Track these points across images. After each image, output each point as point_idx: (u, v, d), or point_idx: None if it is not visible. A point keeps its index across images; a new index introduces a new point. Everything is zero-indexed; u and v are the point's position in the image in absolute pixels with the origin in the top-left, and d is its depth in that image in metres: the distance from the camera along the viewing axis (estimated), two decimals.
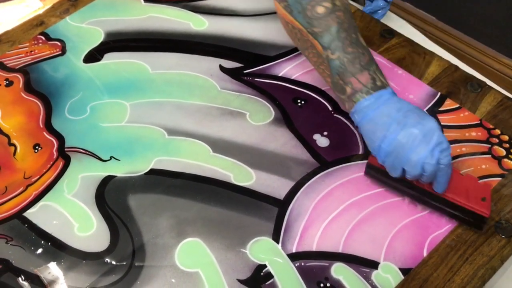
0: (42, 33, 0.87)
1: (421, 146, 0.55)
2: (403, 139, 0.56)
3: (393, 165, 0.58)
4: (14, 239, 0.64)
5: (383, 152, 0.58)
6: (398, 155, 0.57)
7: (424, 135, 0.55)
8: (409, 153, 0.56)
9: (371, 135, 0.59)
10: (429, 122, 0.56)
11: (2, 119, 0.76)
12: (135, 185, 0.67)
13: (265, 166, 0.68)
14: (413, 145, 0.55)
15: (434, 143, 0.55)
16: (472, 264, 0.59)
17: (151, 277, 0.60)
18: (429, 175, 0.56)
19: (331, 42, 0.59)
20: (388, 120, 0.57)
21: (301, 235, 0.62)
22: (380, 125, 0.57)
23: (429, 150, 0.55)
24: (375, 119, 0.58)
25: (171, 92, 0.77)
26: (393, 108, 0.58)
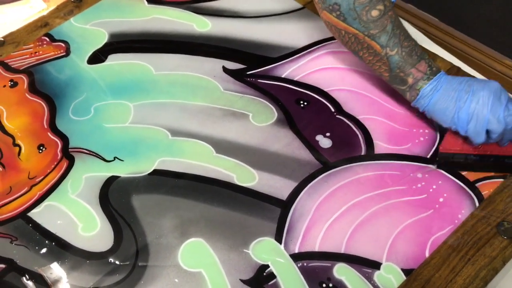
0: (47, 34, 0.88)
1: (496, 104, 0.60)
2: (477, 103, 0.61)
3: (475, 130, 0.61)
4: (19, 238, 0.64)
5: (463, 121, 0.62)
6: (478, 119, 0.61)
7: (494, 94, 0.60)
8: (488, 113, 0.60)
9: (443, 113, 0.63)
10: (492, 83, 0.61)
11: (7, 120, 0.76)
12: (138, 185, 0.68)
13: (268, 167, 0.68)
14: (489, 105, 0.60)
15: (504, 98, 0.61)
16: (474, 265, 0.59)
17: (154, 277, 0.60)
18: (511, 128, 0.61)
19: (389, 40, 0.63)
20: (456, 93, 0.62)
21: (304, 236, 0.62)
22: (450, 100, 0.62)
23: (504, 105, 0.60)
24: (442, 98, 0.63)
25: (175, 93, 0.77)
26: (455, 84, 0.63)
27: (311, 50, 0.81)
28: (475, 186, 0.65)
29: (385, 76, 0.67)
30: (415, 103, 0.66)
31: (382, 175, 0.67)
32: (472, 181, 0.65)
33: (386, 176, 0.66)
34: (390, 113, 0.72)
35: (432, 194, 0.65)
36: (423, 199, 0.64)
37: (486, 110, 0.60)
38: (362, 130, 0.71)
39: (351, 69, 0.78)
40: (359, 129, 0.71)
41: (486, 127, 0.61)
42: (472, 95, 0.61)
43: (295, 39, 0.83)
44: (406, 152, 0.68)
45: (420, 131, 0.70)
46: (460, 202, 0.64)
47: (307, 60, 0.80)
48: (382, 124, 0.71)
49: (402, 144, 0.69)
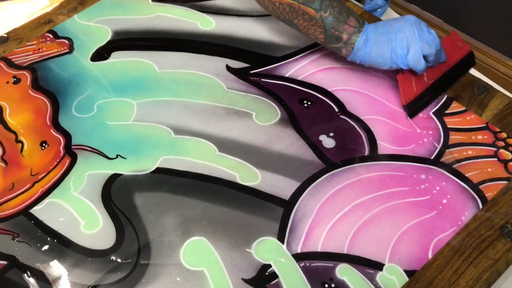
0: (50, 31, 0.88)
1: (421, 32, 0.67)
2: (407, 37, 0.67)
3: (414, 58, 0.67)
4: (21, 235, 0.64)
5: (402, 56, 0.68)
6: (413, 48, 0.67)
7: (416, 25, 0.67)
8: (418, 41, 0.67)
9: (381, 57, 0.69)
10: (408, 17, 0.68)
11: (10, 116, 0.76)
12: (141, 183, 0.67)
13: (270, 166, 0.68)
14: (416, 35, 0.67)
15: (424, 25, 0.68)
16: (477, 267, 0.59)
17: (156, 275, 0.60)
18: (440, 48, 0.68)
19: (321, 3, 0.68)
20: (385, 36, 0.68)
21: (306, 236, 0.62)
22: (383, 44, 0.68)
23: (426, 31, 0.67)
24: (375, 44, 0.68)
25: (178, 91, 0.77)
26: (380, 29, 0.68)
27: (315, 50, 0.81)
28: (479, 188, 0.65)
29: (321, 38, 0.71)
30: (352, 57, 0.70)
31: (385, 175, 0.66)
32: (476, 183, 0.65)
33: (389, 177, 0.66)
34: (394, 114, 0.72)
35: (435, 195, 0.64)
36: (427, 200, 0.64)
37: (416, 39, 0.67)
38: (365, 131, 0.71)
39: (355, 69, 0.78)
40: (362, 129, 0.71)
41: (422, 53, 0.67)
42: (399, 32, 0.67)
43: (299, 39, 0.83)
44: (409, 153, 0.68)
45: (423, 132, 0.70)
46: (464, 203, 0.64)
47: (311, 59, 0.80)
48: (386, 124, 0.71)
49: (405, 145, 0.69)
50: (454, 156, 0.68)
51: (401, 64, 0.68)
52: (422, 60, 0.67)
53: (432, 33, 0.68)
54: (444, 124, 0.71)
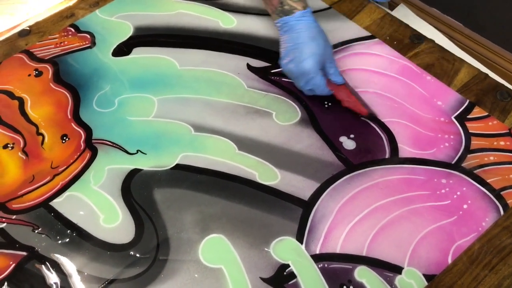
0: (72, 25, 0.88)
1: (298, 81, 0.73)
2: (287, 71, 0.73)
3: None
4: (41, 227, 0.64)
5: (281, 67, 0.74)
6: (288, 75, 0.75)
7: (301, 76, 0.71)
8: (294, 80, 0.74)
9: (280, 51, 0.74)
10: (305, 65, 0.70)
11: (31, 109, 0.77)
12: (161, 179, 0.68)
13: (290, 166, 0.68)
14: (293, 78, 0.73)
15: (305, 83, 0.72)
16: (498, 274, 0.58)
17: (174, 271, 0.60)
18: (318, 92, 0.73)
19: None
20: (283, 50, 0.73)
21: (325, 237, 0.62)
22: (282, 49, 0.73)
23: (303, 84, 0.72)
24: (281, 41, 0.74)
25: (199, 88, 0.77)
26: (289, 39, 0.72)
27: (337, 51, 0.81)
28: (500, 194, 0.64)
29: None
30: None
31: (406, 179, 0.66)
32: (497, 189, 0.65)
33: (409, 180, 0.66)
34: (415, 117, 0.72)
35: (456, 200, 0.64)
36: (447, 205, 0.64)
37: (293, 79, 0.74)
38: (386, 133, 0.70)
39: (377, 71, 0.77)
40: (383, 132, 0.71)
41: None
42: (286, 64, 0.72)
43: None
44: (430, 157, 0.68)
45: (445, 136, 0.70)
46: (485, 209, 0.63)
47: None
48: (407, 128, 0.71)
49: (426, 149, 0.69)
50: (476, 161, 0.67)
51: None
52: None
53: (307, 87, 0.72)
54: (466, 129, 0.70)
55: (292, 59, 0.71)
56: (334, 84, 0.72)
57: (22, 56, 0.84)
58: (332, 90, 0.72)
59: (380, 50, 0.80)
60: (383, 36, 0.82)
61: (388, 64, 0.78)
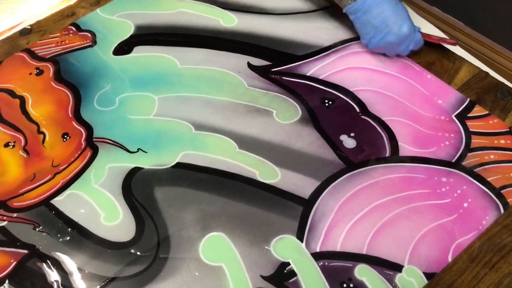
0: (73, 24, 0.89)
1: (399, 47, 0.76)
2: (385, 44, 0.75)
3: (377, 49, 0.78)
4: (41, 225, 0.65)
5: (371, 47, 0.77)
6: (384, 49, 0.77)
7: (401, 42, 0.75)
8: (393, 50, 0.77)
9: (361, 33, 0.77)
10: (405, 30, 0.73)
11: (32, 107, 0.77)
12: (161, 177, 0.68)
13: (290, 164, 0.68)
14: (393, 47, 0.76)
15: (407, 45, 0.76)
16: (498, 272, 0.58)
17: (175, 269, 0.60)
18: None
19: None
20: (372, 28, 0.74)
21: (326, 235, 0.62)
22: (367, 29, 0.75)
23: (405, 48, 0.76)
24: (362, 22, 0.75)
25: (199, 87, 0.77)
26: (374, 15, 0.73)
27: (337, 49, 0.81)
28: (501, 193, 0.64)
29: None
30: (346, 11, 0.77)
31: (406, 177, 0.66)
32: (498, 187, 0.65)
33: (410, 178, 0.66)
34: (415, 116, 0.72)
35: (456, 198, 0.64)
36: (447, 204, 0.64)
37: (390, 49, 0.77)
38: (387, 132, 0.70)
39: (377, 70, 0.77)
40: (384, 130, 0.71)
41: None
42: (382, 39, 0.75)
43: (321, 38, 0.83)
44: (431, 155, 0.68)
45: (445, 135, 0.70)
46: (485, 208, 0.63)
47: (333, 59, 0.79)
48: (408, 126, 0.71)
49: (427, 147, 0.69)
50: (476, 160, 0.67)
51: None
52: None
53: (409, 49, 0.76)
54: (466, 128, 0.70)
55: (388, 30, 0.73)
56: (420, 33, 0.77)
57: (23, 55, 0.84)
58: (424, 39, 0.77)
59: None
60: None
61: (388, 62, 0.78)
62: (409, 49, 0.76)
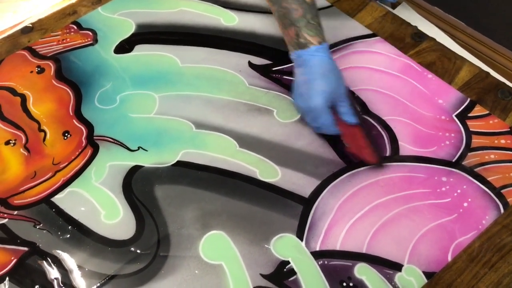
0: (74, 22, 0.89)
1: (305, 116, 0.70)
2: (296, 106, 0.71)
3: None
4: (42, 223, 0.65)
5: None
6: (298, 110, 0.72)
7: (308, 112, 0.68)
8: (303, 116, 0.71)
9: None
10: (312, 102, 0.66)
11: (33, 105, 0.77)
12: (161, 176, 0.68)
13: (291, 163, 0.68)
14: (302, 113, 0.71)
15: (311, 119, 0.69)
16: (497, 272, 0.58)
17: (175, 267, 0.60)
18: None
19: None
20: (295, 83, 0.70)
21: (325, 234, 0.62)
22: (293, 83, 0.71)
23: (308, 121, 0.70)
24: (294, 74, 0.71)
25: (200, 86, 0.77)
26: (301, 73, 0.69)
27: (338, 49, 0.81)
28: (501, 193, 0.64)
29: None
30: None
31: (407, 177, 0.66)
32: (498, 187, 0.65)
33: (410, 178, 0.66)
34: (416, 115, 0.72)
35: (456, 198, 0.64)
36: (447, 203, 0.64)
37: (302, 115, 0.71)
38: (387, 131, 0.70)
39: (377, 69, 0.78)
40: (384, 130, 0.71)
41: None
42: (297, 101, 0.70)
43: None
44: (431, 155, 0.68)
45: (446, 134, 0.70)
46: (485, 208, 0.63)
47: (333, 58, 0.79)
48: (408, 126, 0.71)
49: (427, 147, 0.69)
50: (476, 159, 0.67)
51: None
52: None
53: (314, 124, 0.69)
54: (467, 127, 0.70)
55: (301, 94, 0.68)
56: (345, 124, 0.68)
57: (25, 53, 0.85)
58: (341, 131, 0.68)
59: (381, 48, 0.80)
60: (385, 34, 0.82)
61: (389, 62, 0.78)
62: (313, 125, 0.69)
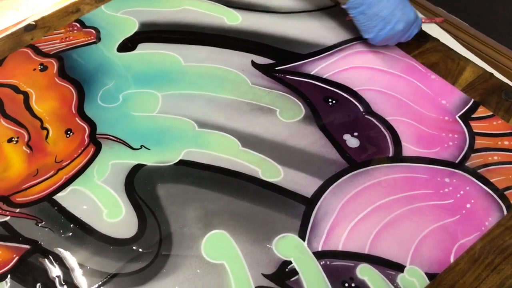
0: (77, 20, 0.89)
1: (406, 34, 0.76)
2: (393, 34, 0.75)
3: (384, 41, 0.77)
4: (44, 221, 0.65)
5: (378, 40, 0.76)
6: (391, 40, 0.77)
7: (409, 28, 0.75)
8: (399, 38, 0.76)
9: (366, 27, 0.76)
10: (412, 15, 0.74)
11: (36, 103, 0.77)
12: (164, 174, 0.68)
13: (293, 163, 0.68)
14: (400, 36, 0.76)
15: (412, 31, 0.77)
16: (500, 274, 0.58)
17: (176, 266, 0.60)
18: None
19: None
20: (380, 20, 0.73)
21: (328, 234, 0.62)
22: (374, 22, 0.74)
23: (410, 34, 0.77)
24: (368, 15, 0.74)
25: (203, 85, 0.77)
26: (381, 7, 0.72)
27: (341, 49, 0.81)
28: (504, 194, 0.64)
29: None
30: (347, 9, 0.76)
31: (409, 177, 0.66)
32: (501, 189, 0.64)
33: (413, 179, 0.66)
34: (419, 116, 0.72)
35: (459, 199, 0.64)
36: (450, 204, 0.64)
37: (396, 39, 0.77)
38: (390, 132, 0.70)
39: (381, 69, 0.77)
40: (387, 130, 0.70)
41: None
42: (391, 29, 0.74)
43: (325, 37, 0.82)
44: (434, 156, 0.68)
45: (449, 135, 0.70)
46: (488, 209, 0.63)
47: (336, 58, 0.79)
48: (411, 126, 0.71)
49: (430, 148, 0.68)
50: (480, 161, 0.67)
51: (370, 37, 0.76)
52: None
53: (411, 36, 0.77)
54: (470, 128, 0.70)
55: (398, 19, 0.73)
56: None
57: (28, 50, 0.85)
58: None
59: (384, 48, 0.80)
60: None
61: (392, 62, 0.78)
62: (413, 34, 0.77)
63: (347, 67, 0.78)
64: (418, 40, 0.81)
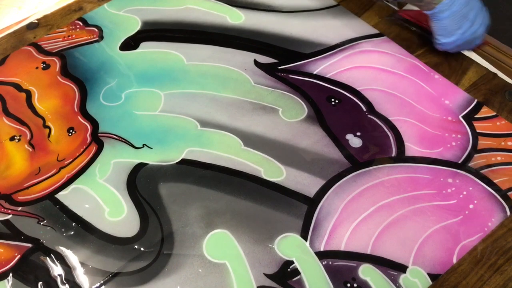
0: (80, 18, 0.89)
1: (480, 38, 0.76)
2: (475, 37, 0.75)
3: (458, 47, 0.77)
4: (46, 219, 0.65)
5: (458, 43, 0.75)
6: (469, 44, 0.76)
7: (483, 35, 0.75)
8: (475, 43, 0.76)
9: (449, 30, 0.73)
10: (487, 18, 0.75)
11: (38, 102, 0.77)
12: (166, 173, 0.68)
13: (296, 163, 0.68)
14: (477, 40, 0.76)
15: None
16: (503, 275, 0.58)
17: (178, 265, 0.60)
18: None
19: None
20: (467, 22, 0.72)
21: (330, 234, 0.62)
22: (459, 24, 0.72)
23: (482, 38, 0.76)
24: (457, 17, 0.72)
25: (205, 84, 0.77)
26: (469, 8, 0.71)
27: (344, 48, 0.80)
28: (507, 195, 0.64)
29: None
30: (431, 15, 0.74)
31: (412, 178, 0.66)
32: (504, 189, 0.64)
33: (416, 179, 0.66)
34: (422, 116, 0.71)
35: (462, 200, 0.64)
36: (453, 205, 0.63)
37: (474, 42, 0.76)
38: (393, 131, 0.70)
39: (384, 69, 0.77)
40: (390, 130, 0.70)
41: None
42: (474, 32, 0.73)
43: (328, 36, 0.82)
44: (437, 156, 0.67)
45: (452, 135, 0.69)
46: (491, 210, 0.63)
47: (339, 57, 0.79)
48: (414, 126, 0.70)
49: (433, 148, 0.68)
50: (483, 161, 0.67)
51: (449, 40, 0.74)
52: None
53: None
54: (473, 129, 0.70)
55: (481, 22, 0.73)
56: None
57: (30, 49, 0.84)
58: None
59: (388, 48, 0.80)
60: (391, 34, 0.82)
61: (395, 62, 0.78)
62: (478, 43, 0.77)
63: (350, 66, 0.78)
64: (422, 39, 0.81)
